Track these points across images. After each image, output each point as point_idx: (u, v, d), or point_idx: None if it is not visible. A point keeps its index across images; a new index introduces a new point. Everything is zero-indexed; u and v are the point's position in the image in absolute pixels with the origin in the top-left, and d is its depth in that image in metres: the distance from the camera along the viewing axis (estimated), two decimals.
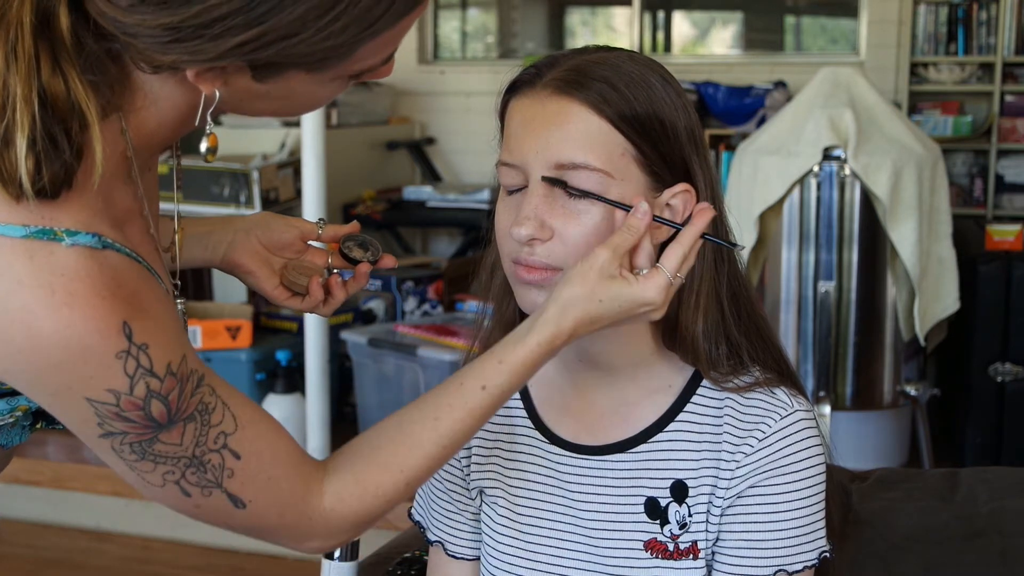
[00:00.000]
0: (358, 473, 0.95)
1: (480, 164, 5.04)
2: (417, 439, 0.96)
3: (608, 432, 1.12)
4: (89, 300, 0.80)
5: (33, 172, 0.79)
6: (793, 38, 5.52)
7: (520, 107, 1.04)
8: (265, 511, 0.91)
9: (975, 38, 4.68)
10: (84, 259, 0.81)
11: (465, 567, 1.21)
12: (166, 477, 0.87)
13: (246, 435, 0.89)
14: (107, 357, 0.81)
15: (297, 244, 1.17)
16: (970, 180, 4.76)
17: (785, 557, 1.07)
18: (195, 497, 0.89)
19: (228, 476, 0.88)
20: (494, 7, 5.87)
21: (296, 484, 0.93)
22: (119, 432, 0.84)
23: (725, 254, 1.09)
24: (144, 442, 0.85)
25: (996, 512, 1.44)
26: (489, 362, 0.97)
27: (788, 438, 1.07)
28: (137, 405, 0.83)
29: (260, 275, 1.14)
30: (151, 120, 0.88)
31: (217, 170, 3.99)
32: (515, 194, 1.04)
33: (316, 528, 0.94)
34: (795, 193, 3.07)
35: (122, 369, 0.82)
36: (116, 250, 0.83)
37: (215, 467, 0.88)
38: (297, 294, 1.15)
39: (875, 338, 3.13)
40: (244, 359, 3.52)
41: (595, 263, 0.96)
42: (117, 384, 0.82)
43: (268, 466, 0.91)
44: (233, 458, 0.88)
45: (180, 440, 0.86)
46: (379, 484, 0.95)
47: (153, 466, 0.86)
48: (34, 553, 3.31)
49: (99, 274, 0.81)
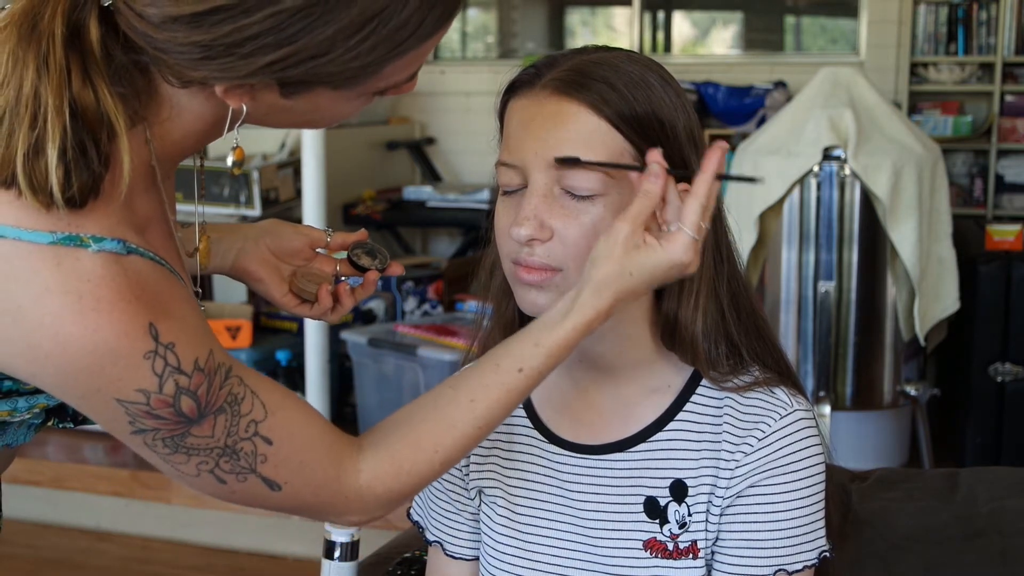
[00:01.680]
0: (393, 451, 0.96)
1: (480, 164, 5.04)
2: (453, 419, 0.97)
3: (607, 432, 1.12)
4: (115, 304, 0.81)
5: (63, 181, 0.80)
6: (793, 38, 5.52)
7: (519, 107, 1.04)
8: (300, 491, 0.93)
9: (975, 38, 4.68)
10: (109, 265, 0.82)
11: (464, 567, 1.21)
12: (200, 467, 0.88)
13: (276, 421, 0.91)
14: (135, 359, 0.82)
15: (306, 251, 1.17)
16: (970, 180, 4.76)
17: (785, 557, 1.07)
18: (230, 484, 0.90)
19: (261, 462, 0.90)
20: (494, 7, 5.87)
21: (329, 464, 0.94)
22: (151, 429, 0.85)
23: (725, 254, 1.09)
24: (176, 436, 0.86)
25: (996, 512, 1.44)
26: (526, 344, 0.98)
27: (787, 438, 1.07)
28: (167, 403, 0.84)
29: (270, 282, 1.15)
30: (176, 131, 0.90)
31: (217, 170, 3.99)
32: (514, 194, 1.04)
33: (352, 505, 0.96)
34: (795, 193, 3.07)
35: (150, 369, 0.83)
36: (140, 254, 0.84)
37: (248, 454, 0.89)
38: (306, 301, 1.16)
39: (875, 338, 3.13)
40: (244, 359, 3.52)
41: (618, 237, 0.95)
42: (146, 384, 0.83)
43: (300, 449, 0.92)
44: (265, 444, 0.90)
45: (212, 432, 0.87)
46: (414, 462, 0.96)
47: (187, 458, 0.88)
48: (34, 553, 3.31)
49: (124, 279, 0.82)
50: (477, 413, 0.97)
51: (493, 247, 1.11)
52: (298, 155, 3.52)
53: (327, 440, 0.95)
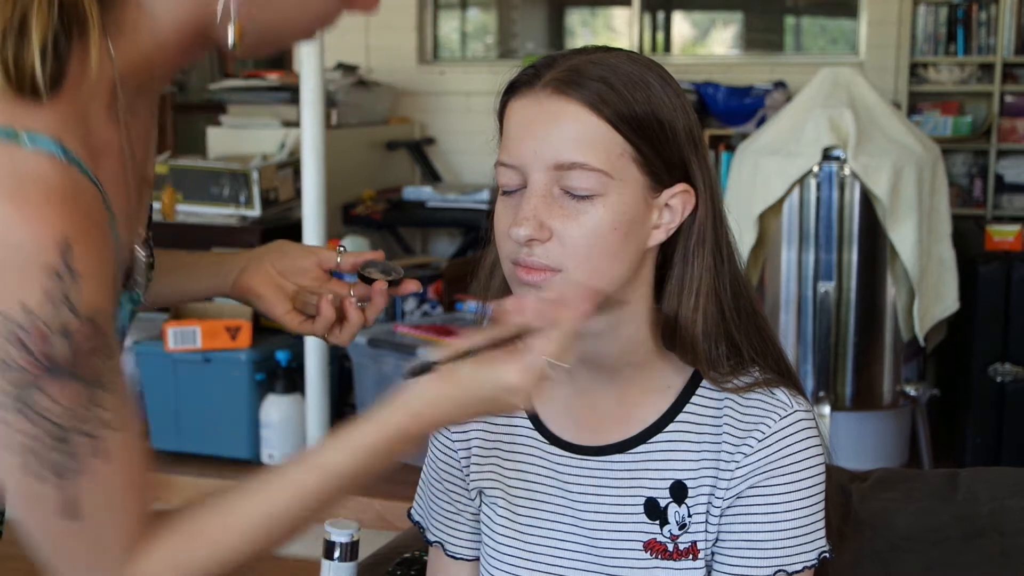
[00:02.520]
0: (175, 549, 0.85)
1: (480, 164, 5.04)
2: (239, 514, 0.87)
3: (608, 432, 1.12)
4: (34, 201, 0.74)
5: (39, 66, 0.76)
6: (793, 38, 5.51)
7: (518, 107, 1.04)
8: (87, 537, 0.82)
9: (975, 38, 4.68)
10: (41, 164, 0.75)
11: (465, 567, 1.21)
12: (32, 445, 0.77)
13: (123, 439, 0.81)
14: (33, 267, 0.74)
15: (315, 271, 1.13)
16: (970, 180, 4.76)
17: (784, 557, 1.07)
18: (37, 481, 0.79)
19: (84, 472, 0.79)
20: (494, 7, 5.86)
21: (131, 527, 0.83)
22: (11, 365, 0.76)
23: (725, 254, 1.09)
24: (28, 386, 0.76)
25: (996, 512, 1.44)
26: (331, 442, 0.90)
27: (788, 438, 1.07)
28: (43, 335, 0.75)
29: (271, 299, 1.11)
30: (145, 42, 0.84)
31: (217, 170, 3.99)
32: (514, 195, 1.04)
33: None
34: (795, 193, 3.07)
35: (45, 288, 0.75)
36: (81, 170, 0.78)
37: (78, 456, 0.78)
38: (311, 317, 1.12)
39: (875, 338, 3.13)
40: (244, 359, 3.52)
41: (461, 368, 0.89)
42: (33, 302, 0.75)
43: (124, 489, 0.82)
44: (100, 456, 0.79)
45: (59, 397, 0.77)
46: (192, 557, 0.86)
47: (23, 422, 0.77)
48: None
49: (57, 182, 0.75)
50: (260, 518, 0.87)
51: (493, 247, 1.11)
52: (298, 155, 3.52)
53: (145, 499, 0.84)
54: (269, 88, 4.48)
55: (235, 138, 4.43)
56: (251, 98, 4.50)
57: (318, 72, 3.13)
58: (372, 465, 0.89)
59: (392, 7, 5.25)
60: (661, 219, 1.05)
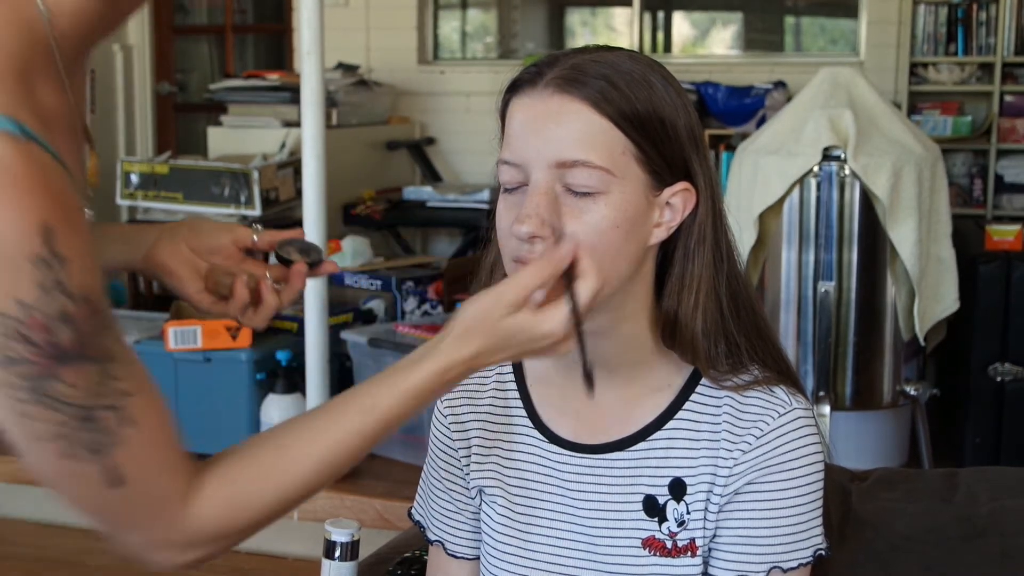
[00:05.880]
0: (232, 480, 0.87)
1: (480, 164, 5.04)
2: (297, 453, 0.88)
3: (607, 431, 1.12)
4: (6, 191, 0.71)
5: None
6: (793, 38, 5.52)
7: (521, 106, 1.04)
8: (137, 498, 0.82)
9: (975, 38, 4.68)
10: (7, 149, 0.72)
11: (465, 566, 1.21)
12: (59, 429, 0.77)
13: (145, 402, 0.81)
14: (19, 259, 0.72)
15: (229, 249, 1.10)
16: (970, 180, 4.76)
17: (779, 554, 1.07)
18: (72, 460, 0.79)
19: (118, 444, 0.79)
20: (494, 7, 5.87)
21: (177, 477, 0.84)
22: (20, 360, 0.74)
23: (725, 253, 1.09)
24: (43, 378, 0.76)
25: (996, 512, 1.44)
26: (381, 385, 0.92)
27: (786, 436, 1.07)
28: (45, 326, 0.74)
29: (183, 276, 1.07)
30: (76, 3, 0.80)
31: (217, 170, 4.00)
32: (515, 193, 1.04)
33: (174, 535, 0.85)
34: (795, 193, 3.07)
35: (35, 278, 0.73)
36: (41, 145, 0.75)
37: (108, 430, 0.79)
38: (224, 298, 1.08)
39: (875, 338, 3.13)
40: (244, 359, 3.52)
41: (501, 299, 0.93)
42: (27, 295, 0.73)
43: (159, 446, 0.83)
44: (128, 425, 0.80)
45: (77, 381, 0.77)
46: (250, 496, 0.87)
47: (48, 413, 0.76)
48: (34, 553, 3.31)
49: (23, 166, 0.72)
50: (320, 449, 0.89)
51: (493, 246, 1.11)
52: (298, 155, 3.52)
53: (181, 450, 0.85)
54: (269, 88, 4.48)
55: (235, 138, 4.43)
56: (251, 98, 4.50)
57: (318, 72, 3.13)
58: (418, 407, 0.92)
59: (392, 7, 5.27)
60: (662, 217, 1.05)
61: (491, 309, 0.92)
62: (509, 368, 1.19)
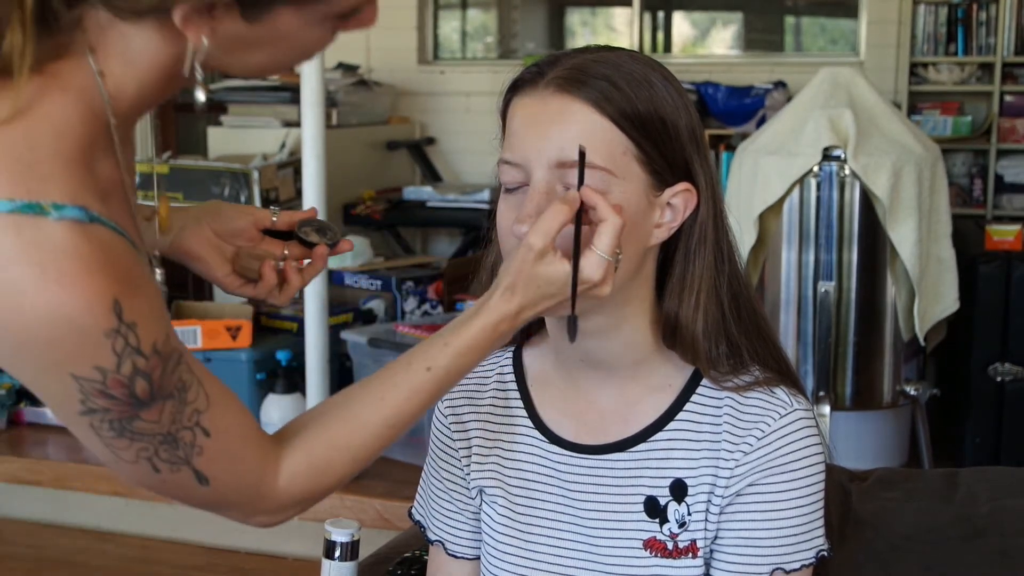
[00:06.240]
0: (309, 451, 0.95)
1: (480, 164, 5.04)
2: (363, 418, 0.96)
3: (608, 431, 1.12)
4: (80, 278, 0.78)
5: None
6: (793, 38, 5.52)
7: (522, 105, 1.05)
8: (225, 488, 0.92)
9: (975, 38, 4.68)
10: (73, 234, 0.78)
11: (465, 566, 1.21)
12: (140, 454, 0.86)
13: (216, 412, 0.89)
14: (96, 335, 0.80)
15: (250, 231, 1.14)
16: (970, 180, 4.76)
17: (783, 556, 1.07)
18: (164, 473, 0.88)
19: (197, 453, 0.88)
20: (494, 7, 5.86)
21: (256, 463, 0.93)
22: (101, 410, 0.83)
23: (726, 253, 1.09)
24: (124, 420, 0.84)
25: (996, 512, 1.44)
26: (435, 344, 0.98)
27: (787, 437, 1.07)
28: (122, 383, 0.82)
29: (210, 262, 1.11)
30: (130, 84, 0.86)
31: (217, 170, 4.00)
32: (516, 193, 1.05)
33: (267, 504, 0.95)
34: (795, 193, 3.06)
35: (111, 348, 0.80)
36: (103, 224, 0.81)
37: (187, 444, 0.88)
38: (250, 280, 1.12)
39: (875, 338, 3.12)
40: (244, 359, 3.52)
41: (531, 249, 0.96)
42: (104, 362, 0.81)
43: (234, 444, 0.91)
44: (203, 435, 0.88)
45: (158, 418, 0.85)
46: (329, 461, 0.96)
47: (129, 443, 0.85)
48: (34, 553, 3.31)
49: (89, 250, 0.79)
50: (386, 412, 0.96)
51: (494, 247, 1.11)
52: (298, 155, 3.52)
53: (256, 438, 0.94)
54: (269, 88, 4.48)
55: (235, 138, 4.43)
56: (251, 98, 4.50)
57: (318, 72, 3.13)
58: (473, 363, 0.98)
59: (392, 7, 5.25)
60: (663, 218, 1.05)
61: (523, 261, 0.96)
62: (510, 368, 1.19)
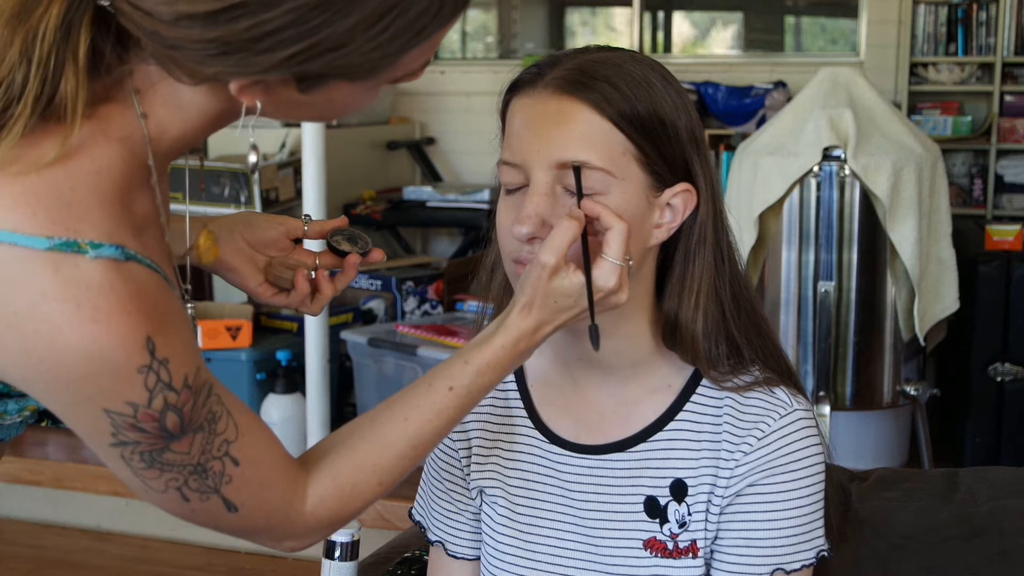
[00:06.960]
0: (335, 476, 0.96)
1: (480, 164, 5.04)
2: (389, 439, 0.97)
3: (608, 431, 1.12)
4: (115, 315, 0.80)
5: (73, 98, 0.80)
6: (793, 38, 5.52)
7: (522, 106, 1.05)
8: (254, 515, 0.93)
9: (975, 38, 4.68)
10: (109, 272, 0.80)
11: (466, 567, 1.21)
12: (169, 483, 0.88)
13: (245, 442, 0.91)
14: (129, 371, 0.81)
15: (283, 241, 1.14)
16: (970, 180, 4.76)
17: (783, 556, 1.07)
18: (193, 502, 0.90)
19: (226, 482, 0.90)
20: (494, 7, 5.86)
21: (284, 489, 0.94)
22: (131, 442, 0.84)
23: (726, 254, 1.09)
24: (155, 452, 0.85)
25: (996, 512, 1.44)
26: (456, 363, 0.99)
27: (787, 437, 1.07)
28: (153, 417, 0.84)
29: (244, 272, 1.12)
30: (175, 127, 0.88)
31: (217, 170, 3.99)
32: (516, 193, 1.05)
33: (296, 529, 0.96)
34: (795, 193, 3.06)
35: (143, 383, 0.82)
36: (138, 261, 0.82)
37: (216, 474, 0.89)
38: (283, 290, 1.13)
39: (875, 338, 3.12)
40: (244, 359, 3.52)
41: (544, 267, 0.96)
42: (136, 397, 0.82)
43: (262, 472, 0.92)
44: (232, 465, 0.90)
45: (188, 449, 0.87)
46: (355, 484, 0.97)
47: (159, 473, 0.87)
48: (34, 553, 3.31)
49: (123, 288, 0.80)
50: (410, 433, 0.97)
51: (493, 247, 1.11)
52: (298, 155, 3.52)
53: (284, 465, 0.95)
54: None
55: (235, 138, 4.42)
56: None
57: None
58: (495, 380, 0.99)
59: None
60: (662, 218, 1.05)
61: (538, 279, 0.96)
62: None
